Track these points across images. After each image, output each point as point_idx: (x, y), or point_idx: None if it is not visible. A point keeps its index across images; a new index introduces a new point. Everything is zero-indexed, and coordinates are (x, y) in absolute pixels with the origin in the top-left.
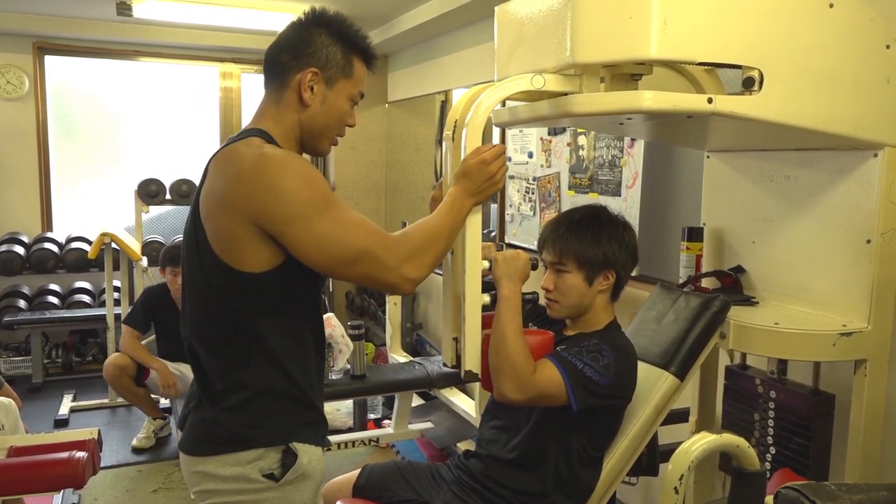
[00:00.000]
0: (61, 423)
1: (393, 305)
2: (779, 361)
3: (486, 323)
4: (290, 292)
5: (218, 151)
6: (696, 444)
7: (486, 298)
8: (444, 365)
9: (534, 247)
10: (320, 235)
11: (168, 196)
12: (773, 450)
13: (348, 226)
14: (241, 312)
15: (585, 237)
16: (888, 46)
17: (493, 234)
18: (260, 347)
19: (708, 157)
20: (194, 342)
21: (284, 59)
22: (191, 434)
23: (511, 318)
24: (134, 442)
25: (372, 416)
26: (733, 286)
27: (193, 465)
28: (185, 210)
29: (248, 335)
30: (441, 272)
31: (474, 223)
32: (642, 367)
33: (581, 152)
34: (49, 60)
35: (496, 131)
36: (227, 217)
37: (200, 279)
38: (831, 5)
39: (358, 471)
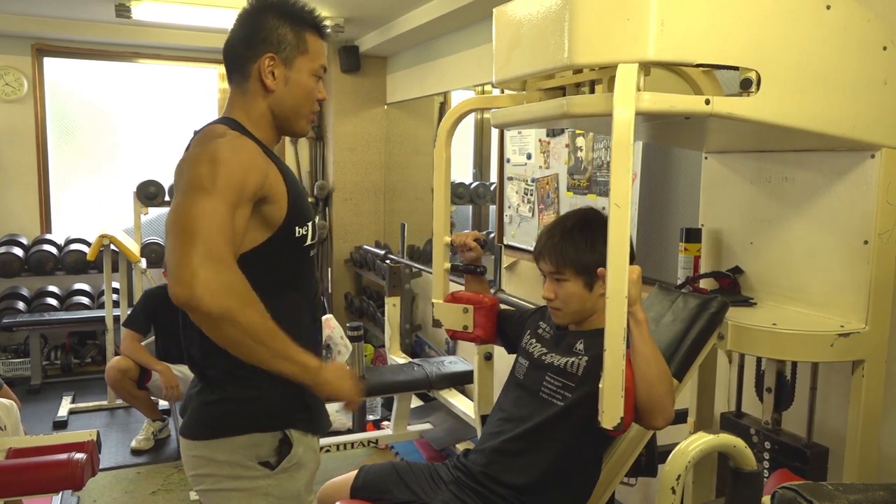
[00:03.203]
0: (60, 425)
1: (392, 307)
2: (774, 411)
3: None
4: (272, 269)
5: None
6: (694, 444)
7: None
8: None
9: (532, 248)
10: (178, 205)
11: (167, 198)
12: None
13: (206, 214)
14: None
15: (580, 244)
16: (885, 48)
17: (492, 234)
18: None
19: (706, 158)
20: (192, 332)
21: (240, 50)
22: (190, 418)
23: (653, 342)
24: (133, 443)
25: (371, 417)
26: (731, 287)
27: (191, 448)
28: None
29: None
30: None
31: (622, 248)
32: None
33: (579, 153)
34: (48, 62)
35: (494, 133)
36: None
37: None
38: (828, 7)
39: (355, 472)
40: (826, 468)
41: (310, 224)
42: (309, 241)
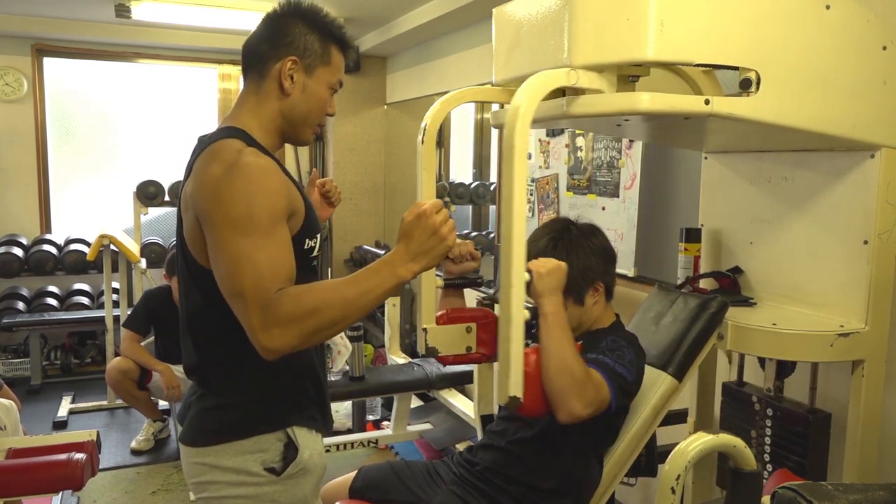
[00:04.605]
0: (60, 425)
1: (392, 307)
2: (775, 378)
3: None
4: None
5: (199, 150)
6: (693, 444)
7: (527, 314)
8: (423, 355)
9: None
10: (221, 250)
11: (167, 198)
12: (769, 467)
13: (249, 260)
14: (227, 308)
15: None
16: (885, 48)
17: (492, 235)
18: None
19: (706, 158)
20: (190, 339)
21: (263, 49)
22: (191, 425)
23: (566, 334)
24: (133, 444)
25: (371, 417)
26: (731, 287)
27: (193, 456)
28: None
29: (238, 329)
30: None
31: (518, 234)
32: None
33: (579, 153)
34: (48, 62)
35: (494, 133)
36: (191, 218)
37: (187, 277)
38: (828, 7)
39: (353, 473)
40: (829, 433)
41: (318, 236)
42: (315, 253)
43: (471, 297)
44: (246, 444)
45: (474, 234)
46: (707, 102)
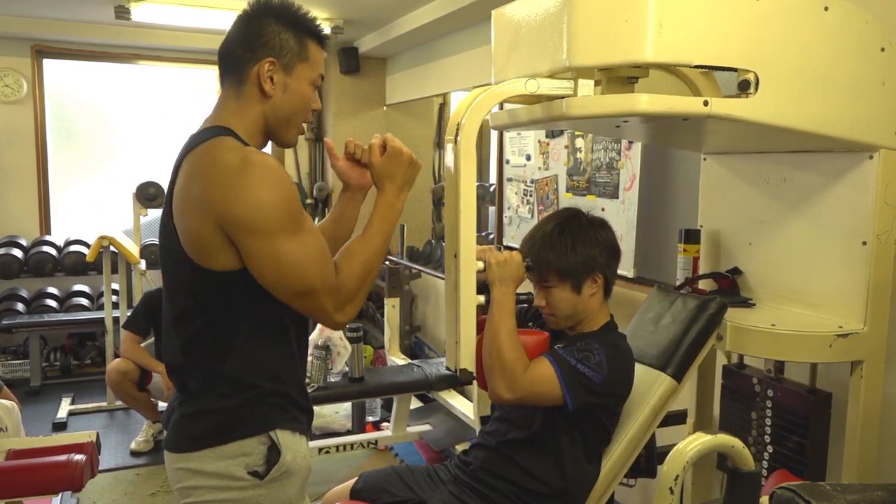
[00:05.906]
0: (60, 427)
1: (391, 308)
2: (776, 360)
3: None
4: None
5: (188, 149)
6: (692, 444)
7: (481, 299)
8: (448, 369)
9: None
10: (280, 257)
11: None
12: (770, 448)
13: (308, 258)
14: (215, 310)
15: (559, 249)
16: (883, 49)
17: (492, 236)
18: (236, 343)
19: (705, 159)
20: (174, 340)
21: (239, 53)
22: (174, 431)
23: (503, 320)
24: (132, 445)
25: (370, 418)
26: (730, 288)
27: (176, 461)
28: None
29: (224, 332)
30: (444, 276)
31: (468, 225)
32: (639, 369)
33: (579, 154)
34: (47, 64)
35: (494, 134)
36: (200, 218)
37: (174, 278)
38: (826, 8)
39: (354, 479)
40: (829, 413)
41: None
42: None
43: None
44: (228, 449)
45: None
46: (706, 104)
